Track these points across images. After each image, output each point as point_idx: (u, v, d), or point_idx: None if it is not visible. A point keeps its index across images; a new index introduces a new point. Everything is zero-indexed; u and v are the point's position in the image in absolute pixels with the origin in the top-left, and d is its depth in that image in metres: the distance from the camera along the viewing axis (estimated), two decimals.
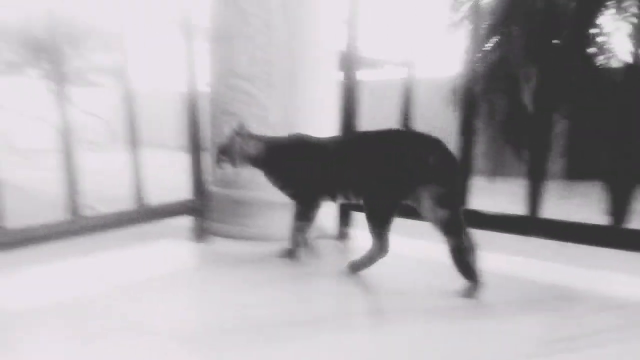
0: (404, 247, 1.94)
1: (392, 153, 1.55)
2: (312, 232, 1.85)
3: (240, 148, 1.82)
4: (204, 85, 2.15)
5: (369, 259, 1.63)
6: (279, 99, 2.06)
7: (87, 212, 1.74)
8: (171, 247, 2.01)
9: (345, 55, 2.07)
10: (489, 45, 5.97)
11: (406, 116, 1.96)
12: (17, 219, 1.59)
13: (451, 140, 1.65)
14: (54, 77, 1.66)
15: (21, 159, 6.59)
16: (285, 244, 1.86)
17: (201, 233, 2.07)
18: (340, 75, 2.10)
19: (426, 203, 1.51)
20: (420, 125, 1.92)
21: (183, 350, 1.13)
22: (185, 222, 2.15)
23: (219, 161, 1.84)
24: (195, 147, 2.07)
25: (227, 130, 1.86)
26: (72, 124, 1.69)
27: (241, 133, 1.83)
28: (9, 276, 1.64)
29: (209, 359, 1.10)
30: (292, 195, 1.83)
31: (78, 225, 1.70)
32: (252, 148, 1.82)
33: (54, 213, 1.72)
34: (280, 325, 1.26)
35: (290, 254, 1.84)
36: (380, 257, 1.61)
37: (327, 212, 2.07)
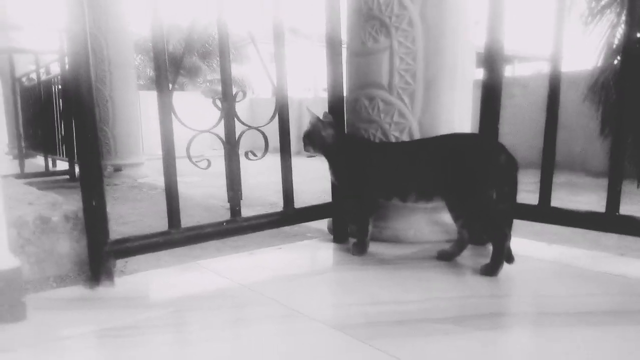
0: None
1: (471, 154, 1.74)
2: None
3: (319, 135, 1.98)
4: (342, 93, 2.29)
5: (500, 254, 1.68)
6: (419, 108, 2.13)
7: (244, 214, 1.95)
8: (315, 246, 2.17)
9: (488, 54, 2.08)
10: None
11: (553, 114, 1.92)
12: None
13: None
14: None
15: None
16: (427, 247, 1.93)
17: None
18: (482, 74, 2.12)
19: None
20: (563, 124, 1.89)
21: (347, 337, 1.25)
22: (326, 223, 2.32)
23: (304, 145, 2.02)
24: None
25: (311, 116, 2.02)
26: (233, 133, 1.91)
27: (323, 121, 1.99)
28: (183, 268, 1.89)
29: (374, 347, 1.20)
30: (350, 192, 2.00)
31: (237, 225, 1.91)
32: (330, 137, 1.98)
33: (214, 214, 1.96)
34: (436, 322, 1.34)
35: (360, 246, 1.99)
36: (506, 246, 1.70)
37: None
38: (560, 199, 1.90)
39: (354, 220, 2.04)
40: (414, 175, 1.84)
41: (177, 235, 1.79)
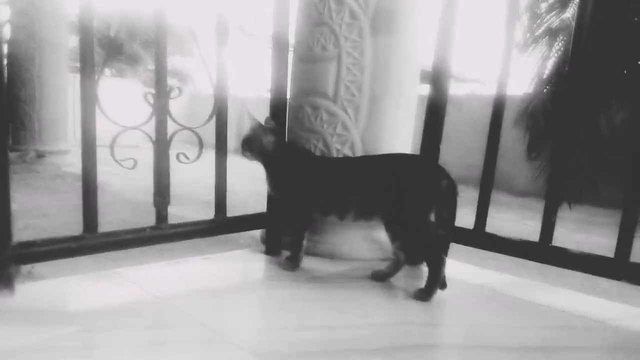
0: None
1: (414, 177, 1.69)
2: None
3: (259, 141, 1.85)
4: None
5: (435, 279, 1.62)
6: (362, 121, 2.04)
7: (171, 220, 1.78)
8: (246, 257, 2.02)
9: (435, 73, 2.03)
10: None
11: (495, 134, 1.89)
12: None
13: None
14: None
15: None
16: (362, 265, 1.84)
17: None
18: (428, 91, 2.07)
19: None
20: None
21: None
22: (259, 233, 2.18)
23: (242, 151, 1.88)
24: None
25: (252, 121, 1.89)
26: (165, 132, 1.74)
27: (264, 127, 1.87)
28: (98, 276, 1.69)
29: None
30: (287, 204, 1.89)
31: (162, 233, 1.74)
32: (270, 145, 1.86)
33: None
34: (366, 354, 1.24)
35: (292, 261, 1.87)
36: (442, 271, 1.63)
37: None
38: (490, 216, 1.87)
39: (288, 234, 1.92)
40: (354, 193, 1.74)
41: (92, 241, 1.59)
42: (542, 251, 1.70)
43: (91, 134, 1.57)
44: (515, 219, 5.98)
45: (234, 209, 1.99)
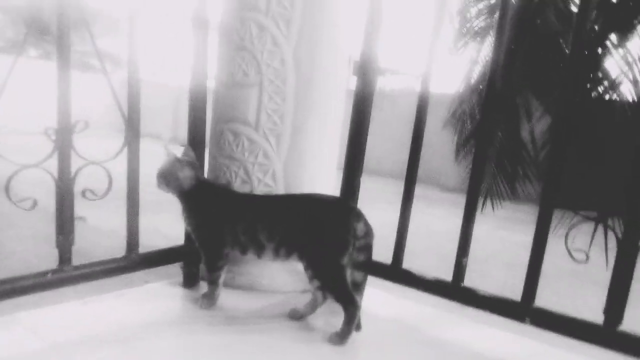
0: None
1: (330, 220, 1.65)
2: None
3: (175, 176, 1.76)
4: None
5: (349, 323, 1.59)
6: (285, 150, 1.98)
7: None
8: (162, 292, 1.92)
9: (362, 65, 1.96)
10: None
11: (418, 132, 1.87)
12: None
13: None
14: (59, 59, 1.55)
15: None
16: (282, 299, 1.80)
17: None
18: (354, 84, 1.99)
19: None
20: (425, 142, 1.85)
21: None
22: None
23: (158, 184, 1.78)
24: None
25: (169, 154, 1.79)
26: (68, 169, 1.60)
27: (181, 160, 1.78)
28: None
29: None
30: (201, 242, 1.81)
31: (66, 275, 1.62)
32: (187, 180, 1.76)
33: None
34: None
35: (209, 299, 1.81)
36: (357, 315, 1.60)
37: None
38: (421, 211, 1.86)
39: (205, 271, 1.84)
40: (271, 232, 1.68)
41: None
42: (454, 291, 1.72)
43: None
44: (444, 216, 6.16)
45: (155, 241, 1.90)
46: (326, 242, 1.61)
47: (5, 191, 1.48)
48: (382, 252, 1.82)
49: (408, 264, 1.85)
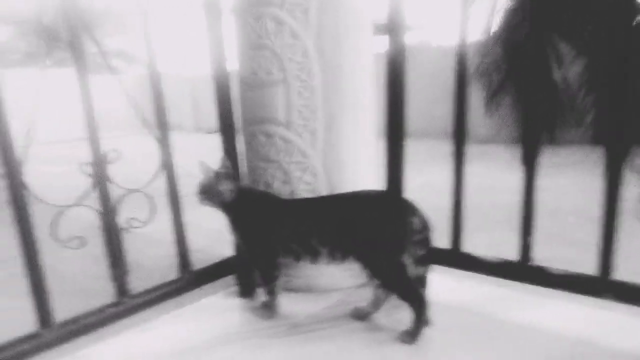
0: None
1: (383, 218, 1.55)
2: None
3: (215, 190, 1.71)
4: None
5: (419, 320, 1.54)
6: (321, 146, 1.90)
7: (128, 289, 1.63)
8: (218, 306, 1.90)
9: (390, 26, 1.86)
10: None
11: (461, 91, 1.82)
12: None
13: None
14: (75, 64, 1.50)
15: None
16: (341, 298, 1.75)
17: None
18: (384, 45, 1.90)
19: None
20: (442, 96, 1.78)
21: None
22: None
23: (200, 200, 1.74)
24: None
25: (206, 169, 1.73)
26: (108, 200, 1.56)
27: (219, 173, 1.72)
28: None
29: None
30: (253, 254, 1.77)
31: (125, 307, 1.60)
32: (228, 193, 1.71)
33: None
34: None
35: (269, 309, 1.78)
36: (425, 311, 1.54)
37: None
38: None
39: (261, 282, 1.79)
40: (323, 237, 1.62)
41: (48, 336, 1.44)
42: (522, 271, 1.64)
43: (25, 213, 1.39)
44: (482, 173, 5.99)
45: (197, 255, 1.86)
46: (382, 242, 1.54)
47: (51, 234, 1.45)
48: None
49: None
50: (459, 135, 1.77)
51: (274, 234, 1.69)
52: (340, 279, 1.98)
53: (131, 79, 12.93)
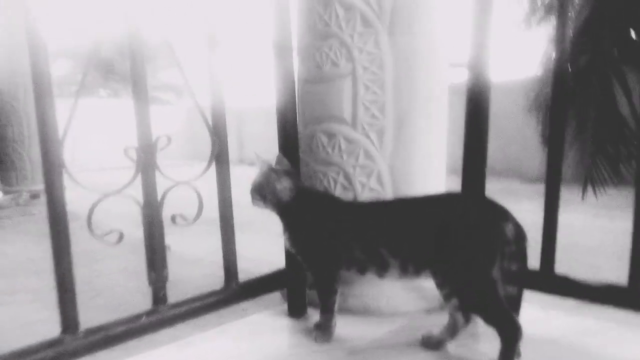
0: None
1: (470, 224, 1.29)
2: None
3: (273, 188, 1.47)
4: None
5: (509, 351, 1.24)
6: (389, 148, 1.67)
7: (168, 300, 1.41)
8: (266, 324, 1.65)
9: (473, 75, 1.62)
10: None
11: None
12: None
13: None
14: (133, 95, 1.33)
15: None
16: (405, 324, 1.47)
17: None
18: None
19: None
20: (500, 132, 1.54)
21: None
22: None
23: (253, 200, 1.51)
24: None
25: (262, 164, 1.51)
26: (154, 193, 1.37)
27: (277, 170, 1.48)
28: None
29: None
30: (311, 264, 1.52)
31: (161, 317, 1.37)
32: (286, 192, 1.48)
33: None
34: None
35: (324, 331, 1.51)
36: (518, 340, 1.24)
37: None
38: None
39: (318, 298, 1.54)
40: (395, 246, 1.37)
41: (73, 343, 1.23)
42: (633, 297, 1.33)
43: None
44: (533, 209, 5.59)
45: (246, 265, 1.63)
46: (469, 252, 1.27)
47: (87, 224, 1.26)
48: None
49: None
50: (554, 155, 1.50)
51: (336, 240, 1.45)
52: (405, 301, 1.70)
53: (181, 113, 13.19)
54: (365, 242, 1.40)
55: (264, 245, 1.53)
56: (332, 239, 1.45)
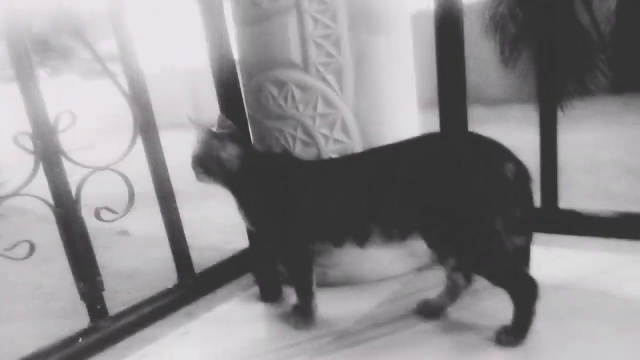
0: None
1: (465, 167, 1.04)
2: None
3: (216, 158, 1.19)
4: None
5: (525, 311, 1.05)
6: (351, 88, 1.39)
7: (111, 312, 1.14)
8: (238, 316, 1.41)
9: None
10: None
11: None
12: None
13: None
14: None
15: None
16: (396, 290, 1.26)
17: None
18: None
19: None
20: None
21: None
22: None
23: (196, 175, 1.22)
24: None
25: (199, 129, 1.22)
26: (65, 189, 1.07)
27: (219, 134, 1.19)
28: None
29: None
30: (277, 241, 1.27)
31: (100, 335, 1.11)
32: (234, 159, 1.20)
33: None
34: None
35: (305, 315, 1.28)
36: (535, 298, 1.03)
37: None
38: None
39: (289, 280, 1.30)
40: (373, 208, 1.12)
41: None
42: None
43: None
44: (499, 135, 5.46)
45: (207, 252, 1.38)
46: (465, 201, 1.03)
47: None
48: None
49: None
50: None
51: (302, 209, 1.19)
52: (391, 263, 1.48)
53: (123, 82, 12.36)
54: (337, 208, 1.15)
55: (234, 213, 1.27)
56: (296, 208, 1.19)
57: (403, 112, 1.50)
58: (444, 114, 1.42)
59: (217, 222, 2.30)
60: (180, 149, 1.53)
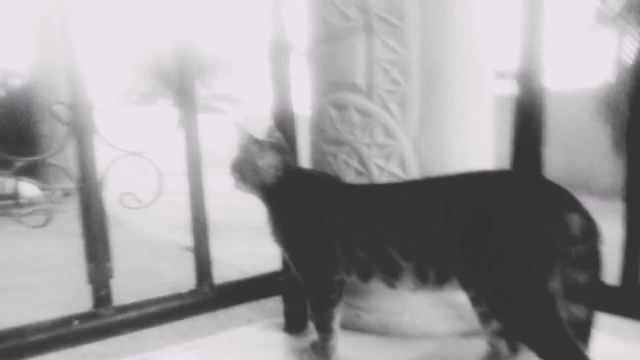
0: None
1: (519, 213, 0.87)
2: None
3: (252, 165, 1.10)
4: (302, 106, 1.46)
5: None
6: (414, 121, 1.28)
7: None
8: (255, 342, 1.29)
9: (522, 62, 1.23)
10: None
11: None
12: None
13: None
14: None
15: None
16: (435, 351, 1.08)
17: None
18: (513, 88, 1.27)
19: None
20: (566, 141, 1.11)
21: None
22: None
23: (234, 180, 1.15)
24: None
25: (242, 133, 1.14)
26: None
27: (261, 142, 1.11)
28: None
29: None
30: (300, 265, 1.14)
31: (102, 323, 1.05)
32: (270, 170, 1.10)
33: None
34: None
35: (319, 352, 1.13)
36: None
37: None
38: None
39: (310, 310, 1.17)
40: (409, 244, 0.97)
41: None
42: None
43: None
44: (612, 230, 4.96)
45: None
46: (514, 254, 0.86)
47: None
48: None
49: None
50: None
51: (333, 235, 1.07)
52: (434, 320, 1.29)
53: (240, 119, 13.19)
54: (370, 239, 1.02)
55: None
56: (326, 234, 1.08)
57: (472, 158, 1.35)
58: (516, 152, 1.26)
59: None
60: None
